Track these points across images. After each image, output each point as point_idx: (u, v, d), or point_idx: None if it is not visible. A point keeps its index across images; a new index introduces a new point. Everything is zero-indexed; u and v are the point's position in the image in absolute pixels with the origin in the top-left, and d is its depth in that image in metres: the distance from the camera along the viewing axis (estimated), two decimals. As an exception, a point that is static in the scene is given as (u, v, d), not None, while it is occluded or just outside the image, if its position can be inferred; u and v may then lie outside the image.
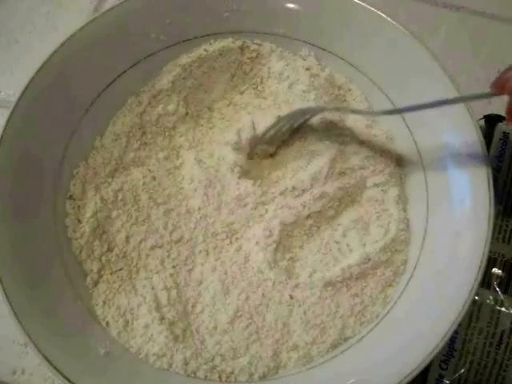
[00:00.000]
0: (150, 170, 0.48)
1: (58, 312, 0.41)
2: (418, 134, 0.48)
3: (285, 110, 0.49)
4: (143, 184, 0.47)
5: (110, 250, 0.45)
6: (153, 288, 0.44)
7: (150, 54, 0.50)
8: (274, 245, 0.45)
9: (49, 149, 0.45)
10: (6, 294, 0.39)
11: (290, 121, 0.48)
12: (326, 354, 0.43)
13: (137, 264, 0.45)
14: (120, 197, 0.46)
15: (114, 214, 0.46)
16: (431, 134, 0.47)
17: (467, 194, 0.43)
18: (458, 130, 0.45)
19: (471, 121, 0.44)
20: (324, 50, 0.52)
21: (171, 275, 0.45)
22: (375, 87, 0.51)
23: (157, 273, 0.45)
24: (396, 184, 0.48)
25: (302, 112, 0.48)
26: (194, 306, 0.44)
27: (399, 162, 0.49)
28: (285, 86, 0.51)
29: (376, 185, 0.48)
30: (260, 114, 0.50)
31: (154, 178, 0.48)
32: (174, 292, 0.44)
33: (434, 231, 0.45)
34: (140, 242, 0.46)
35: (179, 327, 0.43)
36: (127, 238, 0.46)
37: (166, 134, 0.50)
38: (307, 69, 0.51)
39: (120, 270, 0.45)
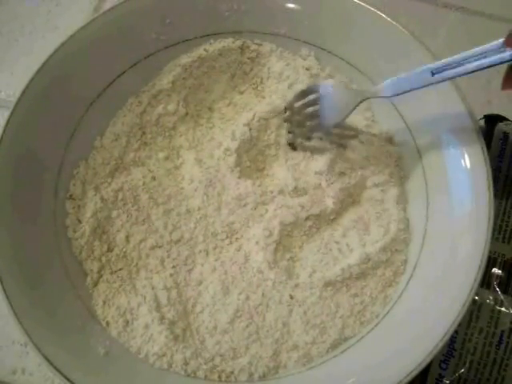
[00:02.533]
0: (150, 170, 0.48)
1: (58, 312, 0.41)
2: (417, 134, 0.48)
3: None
4: (143, 184, 0.47)
5: (109, 249, 0.45)
6: (153, 288, 0.44)
7: (150, 54, 0.50)
8: (274, 245, 0.45)
9: (49, 149, 0.46)
10: (6, 294, 0.39)
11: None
12: (325, 353, 0.43)
13: (137, 264, 0.45)
14: (120, 197, 0.46)
15: (114, 213, 0.46)
16: (431, 134, 0.47)
17: (467, 193, 0.43)
18: (458, 130, 0.45)
19: (471, 120, 0.44)
20: (324, 49, 0.52)
21: (171, 275, 0.45)
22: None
23: (157, 273, 0.45)
24: (396, 184, 0.48)
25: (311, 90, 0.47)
26: (193, 306, 0.44)
27: (399, 161, 0.49)
28: (285, 85, 0.51)
29: (376, 185, 0.48)
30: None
31: (154, 178, 0.48)
32: (173, 292, 0.44)
33: (434, 231, 0.45)
34: (140, 242, 0.46)
35: (179, 327, 0.43)
36: (127, 238, 0.46)
37: (166, 133, 0.50)
38: (307, 69, 0.51)
39: (120, 269, 0.45)
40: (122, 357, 0.41)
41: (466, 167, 0.44)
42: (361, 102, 0.45)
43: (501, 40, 0.37)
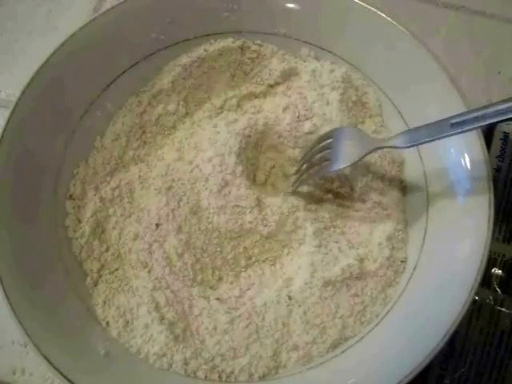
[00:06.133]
0: (148, 165, 0.49)
1: (58, 312, 0.41)
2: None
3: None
4: (139, 177, 0.47)
5: (107, 249, 0.45)
6: (147, 288, 0.44)
7: (150, 54, 0.50)
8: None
9: (49, 149, 0.46)
10: (6, 294, 0.39)
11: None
12: (325, 353, 0.43)
13: (130, 263, 0.45)
14: (117, 193, 0.47)
15: (111, 211, 0.46)
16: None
17: (467, 194, 0.43)
18: (458, 130, 0.45)
19: (471, 121, 0.44)
20: (324, 49, 0.52)
21: (156, 275, 0.44)
22: (375, 86, 0.51)
23: (148, 272, 0.45)
24: (396, 187, 0.48)
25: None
26: (190, 307, 0.44)
27: (401, 165, 0.49)
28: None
29: (375, 189, 0.48)
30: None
31: (150, 170, 0.48)
32: (167, 292, 0.44)
33: (434, 231, 0.45)
34: (128, 234, 0.45)
35: (179, 327, 0.43)
36: (120, 235, 0.46)
37: (166, 133, 0.50)
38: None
39: (116, 269, 0.45)
40: (122, 357, 0.41)
41: (466, 167, 0.44)
42: (373, 151, 0.43)
43: None
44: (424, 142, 0.41)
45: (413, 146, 0.42)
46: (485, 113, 0.38)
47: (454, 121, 0.40)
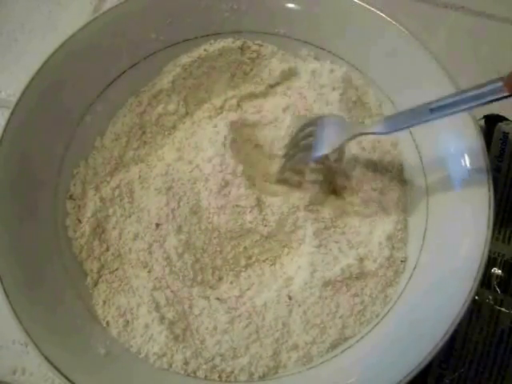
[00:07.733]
0: (148, 165, 0.49)
1: (58, 312, 0.41)
2: (418, 136, 0.48)
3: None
4: (139, 177, 0.47)
5: (107, 249, 0.45)
6: (147, 288, 0.44)
7: (150, 54, 0.50)
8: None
9: (49, 149, 0.46)
10: (6, 294, 0.39)
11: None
12: (325, 353, 0.43)
13: (130, 263, 0.45)
14: (117, 193, 0.47)
15: (111, 211, 0.46)
16: (431, 135, 0.47)
17: (467, 193, 0.43)
18: (458, 131, 0.45)
19: (471, 121, 0.44)
20: (324, 49, 0.52)
21: (156, 275, 0.44)
22: (375, 86, 0.51)
23: (148, 272, 0.45)
24: (396, 187, 0.48)
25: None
26: (190, 307, 0.44)
27: (401, 164, 0.49)
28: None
29: (374, 189, 0.48)
30: None
31: (150, 170, 0.48)
32: (167, 291, 0.44)
33: (434, 231, 0.45)
34: (128, 234, 0.45)
35: (179, 327, 0.43)
36: (120, 235, 0.46)
37: (166, 133, 0.50)
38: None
39: (117, 269, 0.45)
40: (122, 357, 0.41)
41: (466, 167, 0.44)
42: (353, 137, 0.44)
43: (499, 84, 0.36)
44: (404, 128, 0.42)
45: (393, 131, 0.42)
46: (464, 97, 0.38)
47: (433, 106, 0.40)
